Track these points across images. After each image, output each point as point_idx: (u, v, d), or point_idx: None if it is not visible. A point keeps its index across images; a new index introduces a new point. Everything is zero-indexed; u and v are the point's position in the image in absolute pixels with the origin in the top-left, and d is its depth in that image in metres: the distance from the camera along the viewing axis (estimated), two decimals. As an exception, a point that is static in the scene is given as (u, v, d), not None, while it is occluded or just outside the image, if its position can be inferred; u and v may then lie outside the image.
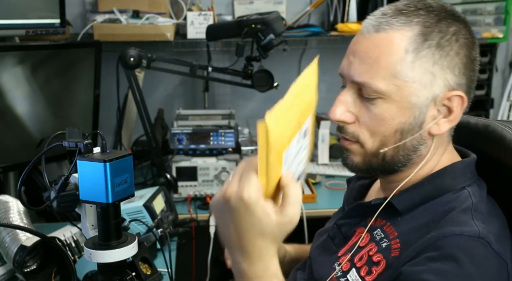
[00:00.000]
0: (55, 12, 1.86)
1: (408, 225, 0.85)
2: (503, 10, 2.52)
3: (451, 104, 0.84)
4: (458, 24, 0.85)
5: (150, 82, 2.39)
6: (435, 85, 0.83)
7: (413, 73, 0.82)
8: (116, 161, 0.80)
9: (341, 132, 0.90)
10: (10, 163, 1.73)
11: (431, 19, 0.83)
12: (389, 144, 0.86)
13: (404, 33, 0.83)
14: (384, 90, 0.83)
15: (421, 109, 0.84)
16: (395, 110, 0.84)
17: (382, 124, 0.85)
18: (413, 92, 0.83)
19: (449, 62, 0.83)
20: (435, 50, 0.82)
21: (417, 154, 0.87)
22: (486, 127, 0.96)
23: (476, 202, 0.84)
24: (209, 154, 1.99)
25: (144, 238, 1.37)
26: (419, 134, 0.85)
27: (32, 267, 1.28)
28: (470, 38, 0.86)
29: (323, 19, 2.50)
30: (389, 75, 0.82)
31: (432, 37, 0.82)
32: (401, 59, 0.82)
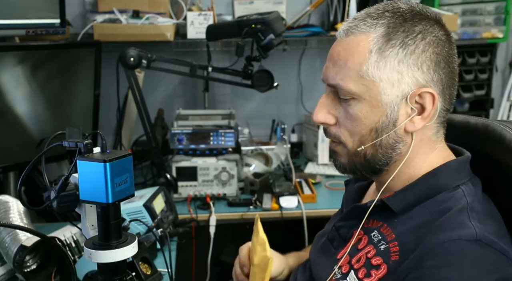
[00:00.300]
0: (55, 12, 1.86)
1: (405, 226, 0.86)
2: (503, 10, 2.52)
3: (423, 101, 0.86)
4: (425, 23, 0.86)
5: (150, 82, 2.39)
6: (403, 83, 0.85)
7: (379, 73, 0.85)
8: (116, 161, 0.80)
9: (325, 134, 0.94)
10: (10, 163, 1.73)
11: (396, 19, 0.86)
12: (366, 142, 0.88)
13: (369, 35, 0.86)
14: (354, 91, 0.86)
15: (393, 107, 0.86)
16: (367, 109, 0.87)
17: (358, 123, 0.88)
18: (381, 91, 0.85)
19: (415, 59, 0.84)
20: (399, 49, 0.84)
21: (396, 152, 0.89)
22: (486, 127, 0.96)
23: (471, 202, 0.84)
24: (209, 154, 1.99)
25: (144, 238, 1.37)
26: (394, 132, 0.87)
27: (32, 267, 1.28)
28: (441, 35, 0.87)
29: (323, 19, 2.50)
30: (357, 76, 0.86)
31: (396, 37, 0.85)
32: (366, 59, 0.85)
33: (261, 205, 1.92)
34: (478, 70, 2.61)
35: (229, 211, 1.91)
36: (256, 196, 1.97)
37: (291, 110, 2.59)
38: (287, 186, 2.03)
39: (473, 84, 2.62)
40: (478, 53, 2.59)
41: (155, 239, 1.41)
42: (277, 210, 1.90)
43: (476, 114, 2.67)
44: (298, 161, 2.42)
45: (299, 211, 1.89)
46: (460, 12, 2.48)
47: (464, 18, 2.50)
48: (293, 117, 2.59)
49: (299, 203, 1.93)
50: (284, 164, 2.26)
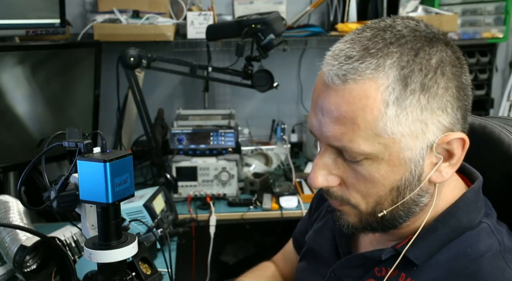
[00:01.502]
0: (55, 12, 1.86)
1: (430, 275, 0.74)
2: (503, 10, 2.52)
3: (451, 147, 0.72)
4: (438, 50, 0.70)
5: (150, 82, 2.39)
6: (428, 133, 0.70)
7: (400, 127, 0.68)
8: (116, 161, 0.80)
9: (326, 195, 0.78)
10: (10, 163, 1.73)
11: (407, 56, 0.68)
12: (386, 203, 0.74)
13: (378, 81, 0.67)
14: (369, 152, 0.70)
15: (417, 162, 0.71)
16: (386, 169, 0.71)
17: (374, 185, 0.73)
18: (404, 147, 0.69)
19: (439, 102, 0.69)
20: (420, 94, 0.68)
21: (419, 206, 0.75)
22: (483, 128, 0.88)
23: (502, 241, 0.74)
24: (209, 154, 1.99)
25: (144, 238, 1.37)
26: (419, 187, 0.73)
27: (32, 267, 1.28)
28: (456, 60, 0.72)
29: (323, 19, 2.50)
30: (372, 135, 0.68)
31: (414, 80, 0.67)
32: (382, 114, 0.67)
33: (261, 205, 1.92)
34: (478, 70, 2.61)
35: (229, 211, 1.91)
36: (256, 196, 1.97)
37: (291, 110, 2.59)
38: (287, 186, 2.04)
39: (473, 84, 2.60)
40: (478, 53, 2.59)
41: (155, 239, 1.41)
42: (277, 210, 1.90)
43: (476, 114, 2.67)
44: (298, 161, 2.42)
45: (299, 211, 1.89)
46: (460, 12, 2.48)
47: (464, 18, 2.50)
48: (293, 117, 2.59)
49: (299, 203, 1.93)
50: (284, 164, 2.26)
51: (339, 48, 0.71)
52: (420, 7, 2.33)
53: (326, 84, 0.71)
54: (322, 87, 0.72)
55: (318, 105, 0.72)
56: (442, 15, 2.29)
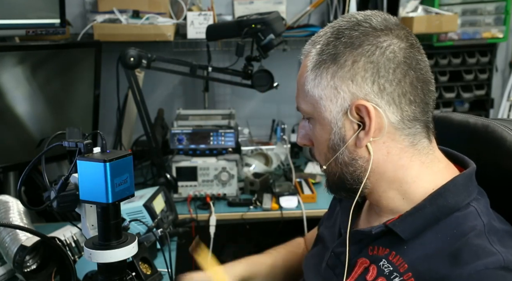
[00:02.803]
0: (55, 12, 1.86)
1: (416, 253, 0.79)
2: (503, 10, 2.52)
3: (362, 114, 0.81)
4: (360, 32, 0.82)
5: (150, 82, 2.39)
6: (340, 98, 0.82)
7: (317, 90, 0.84)
8: (116, 161, 0.80)
9: (311, 156, 0.94)
10: (10, 163, 1.73)
11: (331, 35, 0.84)
12: (328, 161, 0.87)
13: (309, 55, 0.86)
14: (307, 110, 0.87)
15: (337, 124, 0.83)
16: (319, 128, 0.86)
17: (318, 142, 0.88)
18: (323, 108, 0.84)
19: (347, 72, 0.81)
20: (330, 64, 0.83)
21: (358, 169, 0.84)
22: (486, 127, 0.91)
23: (487, 222, 0.78)
24: (209, 154, 1.99)
25: (144, 238, 1.37)
26: (347, 148, 0.84)
27: (32, 267, 1.28)
28: (382, 41, 0.81)
29: (323, 19, 2.50)
30: (305, 96, 0.86)
31: (327, 52, 0.83)
32: (306, 79, 0.86)
33: (261, 205, 1.92)
34: (478, 70, 2.61)
35: (229, 211, 1.91)
36: (256, 196, 1.97)
37: (291, 110, 2.59)
38: (287, 186, 2.03)
39: (473, 84, 2.62)
40: (478, 53, 2.59)
41: (155, 239, 1.41)
42: (277, 210, 1.90)
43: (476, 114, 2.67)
44: (298, 161, 2.42)
45: (299, 211, 1.89)
46: (460, 12, 2.48)
47: (464, 18, 2.50)
48: (293, 117, 2.59)
49: (299, 203, 1.93)
50: (284, 164, 2.26)
51: None
52: (420, 7, 2.33)
53: None
54: None
55: None
56: (442, 15, 2.29)
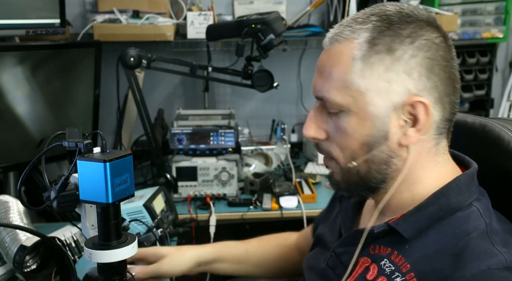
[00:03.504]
0: (55, 12, 1.86)
1: (419, 253, 0.78)
2: (503, 10, 2.52)
3: (415, 111, 0.78)
4: (415, 25, 0.79)
5: (150, 82, 2.39)
6: (391, 92, 0.78)
7: (365, 82, 0.79)
8: (116, 161, 0.80)
9: (317, 150, 0.88)
10: (10, 163, 1.73)
11: (382, 23, 0.79)
12: (358, 158, 0.82)
13: (352, 41, 0.80)
14: (341, 103, 0.80)
15: (382, 119, 0.79)
16: (356, 122, 0.80)
17: (348, 138, 0.82)
18: (369, 102, 0.79)
19: (404, 66, 0.77)
20: (385, 55, 0.78)
21: (391, 167, 0.82)
22: (483, 127, 0.91)
23: (489, 223, 0.78)
24: (209, 154, 1.99)
25: (144, 238, 1.37)
26: (387, 146, 0.80)
27: (32, 267, 1.28)
28: (434, 38, 0.79)
29: (323, 19, 2.50)
30: (342, 87, 0.80)
31: (382, 42, 0.78)
32: (349, 68, 0.79)
33: (261, 205, 1.92)
34: (478, 70, 2.61)
35: (229, 211, 1.91)
36: (256, 196, 1.97)
37: (291, 110, 2.59)
38: (287, 186, 2.03)
39: (473, 84, 2.62)
40: (478, 53, 2.59)
41: (155, 239, 1.41)
42: (277, 210, 1.90)
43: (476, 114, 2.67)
44: (298, 161, 2.42)
45: (299, 211, 1.89)
46: (460, 12, 2.48)
47: (464, 18, 2.50)
48: (293, 117, 2.59)
49: (299, 203, 1.93)
50: (284, 164, 2.26)
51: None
52: (420, 7, 2.33)
53: (323, 48, 0.85)
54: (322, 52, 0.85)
55: (316, 66, 0.85)
56: (442, 15, 2.29)
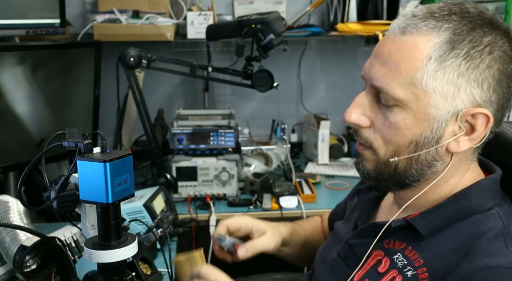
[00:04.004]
0: (55, 12, 1.86)
1: (434, 250, 0.78)
2: (503, 10, 2.52)
3: (475, 121, 0.77)
4: (495, 35, 0.77)
5: (150, 82, 2.39)
6: (458, 99, 0.76)
7: (434, 83, 0.76)
8: (116, 161, 0.80)
9: (355, 135, 0.86)
10: (10, 163, 1.73)
11: (464, 26, 0.76)
12: (402, 154, 0.81)
13: (430, 39, 0.76)
14: (401, 98, 0.78)
15: (440, 123, 0.78)
16: (411, 120, 0.78)
17: (397, 133, 0.80)
18: (432, 104, 0.77)
19: (478, 75, 0.75)
20: (462, 61, 0.75)
21: (432, 170, 0.81)
22: None
23: (507, 225, 0.77)
24: (209, 154, 1.99)
25: (144, 238, 1.37)
26: (435, 149, 0.79)
27: (32, 267, 1.28)
28: (509, 50, 0.78)
29: (323, 19, 2.50)
30: (408, 83, 0.77)
31: (461, 46, 0.75)
32: (422, 66, 0.76)
33: (261, 205, 1.92)
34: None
35: (229, 211, 1.91)
36: (256, 196, 1.97)
37: (291, 110, 2.59)
38: (287, 186, 2.03)
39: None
40: (478, 53, 2.59)
41: (155, 239, 1.41)
42: (277, 210, 1.90)
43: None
44: (298, 161, 2.42)
45: (299, 211, 1.89)
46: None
47: (464, 18, 2.50)
48: (293, 117, 2.59)
49: (299, 203, 1.93)
50: (284, 164, 2.26)
51: (410, 10, 0.83)
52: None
53: (388, 34, 0.81)
54: (385, 38, 0.82)
55: (375, 51, 0.82)
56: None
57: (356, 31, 2.20)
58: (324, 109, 2.57)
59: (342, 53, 2.53)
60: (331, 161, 2.31)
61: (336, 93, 2.59)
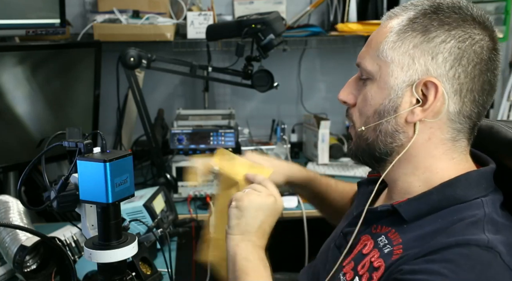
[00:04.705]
0: (55, 12, 1.86)
1: (414, 233, 0.81)
2: (503, 10, 2.52)
3: (428, 92, 0.81)
4: (460, 17, 0.81)
5: (150, 82, 2.39)
6: (412, 69, 0.82)
7: (392, 53, 0.83)
8: (116, 161, 0.80)
9: (347, 115, 0.93)
10: (10, 163, 1.73)
11: (430, 8, 0.82)
12: (369, 124, 0.87)
13: (399, 17, 0.85)
14: (370, 70, 0.86)
15: (397, 92, 0.83)
16: (375, 90, 0.85)
17: (366, 104, 0.87)
18: (390, 73, 0.83)
19: (432, 48, 0.80)
20: (418, 33, 0.81)
21: (396, 142, 0.85)
22: (490, 128, 0.93)
23: (489, 213, 0.78)
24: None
25: (144, 238, 1.37)
26: (395, 119, 0.84)
27: (32, 267, 1.28)
28: (476, 34, 0.81)
29: (323, 19, 2.50)
30: (375, 55, 0.85)
31: (421, 21, 0.82)
32: (385, 38, 0.84)
33: (261, 205, 1.92)
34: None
35: (229, 211, 1.90)
36: (256, 196, 1.96)
37: (291, 110, 2.59)
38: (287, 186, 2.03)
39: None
40: (478, 53, 2.59)
41: (155, 239, 1.41)
42: (277, 210, 1.90)
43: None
44: (298, 161, 2.41)
45: (299, 211, 1.89)
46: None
47: (464, 18, 2.50)
48: (293, 117, 2.59)
49: (299, 203, 1.93)
50: (284, 164, 2.25)
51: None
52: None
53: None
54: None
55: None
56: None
57: (356, 31, 2.20)
58: (324, 109, 2.56)
59: (342, 53, 2.53)
60: (331, 161, 2.31)
61: (336, 93, 2.55)
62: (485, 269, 0.72)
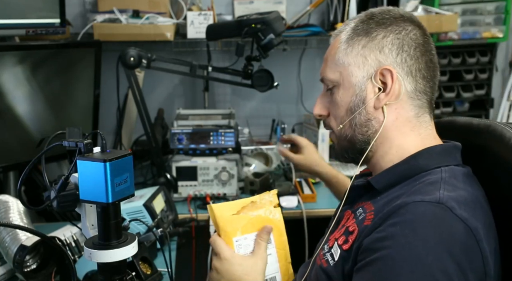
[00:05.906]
0: (55, 12, 1.86)
1: (384, 200, 0.92)
2: (503, 10, 2.52)
3: (385, 79, 0.95)
4: (391, 17, 0.97)
5: (150, 82, 2.39)
6: (367, 64, 0.96)
7: (347, 58, 0.98)
8: (116, 161, 0.80)
9: (324, 125, 1.07)
10: (10, 163, 1.73)
11: (366, 17, 0.99)
12: (343, 122, 0.99)
13: (344, 31, 1.01)
14: (333, 78, 1.00)
15: (360, 87, 0.97)
16: (342, 92, 0.99)
17: (338, 107, 1.00)
18: (350, 73, 0.98)
19: (377, 44, 0.96)
20: (363, 37, 0.97)
21: (370, 129, 0.97)
22: (488, 127, 1.00)
23: (446, 177, 0.89)
24: (209, 154, 1.99)
25: (144, 238, 1.37)
26: (365, 109, 0.97)
27: (32, 267, 1.28)
28: (407, 26, 0.97)
29: (323, 19, 2.50)
30: (334, 65, 1.00)
31: (362, 28, 0.98)
32: (338, 49, 0.99)
33: (261, 205, 1.92)
34: (478, 70, 2.61)
35: (229, 211, 1.90)
36: (256, 196, 1.97)
37: (291, 110, 2.59)
38: (287, 186, 2.03)
39: (473, 84, 2.62)
40: (478, 52, 2.59)
41: (155, 239, 1.41)
42: (277, 210, 1.90)
43: (476, 114, 2.68)
44: (298, 161, 2.41)
45: (299, 211, 1.89)
46: (460, 12, 2.48)
47: (464, 17, 2.50)
48: (293, 117, 2.59)
49: (299, 203, 1.93)
50: (284, 164, 2.26)
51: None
52: (420, 6, 2.33)
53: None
54: None
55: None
56: (442, 15, 2.29)
57: (356, 31, 2.20)
58: (324, 109, 2.56)
59: (342, 53, 2.53)
60: (331, 161, 2.31)
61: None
62: (439, 222, 0.81)
